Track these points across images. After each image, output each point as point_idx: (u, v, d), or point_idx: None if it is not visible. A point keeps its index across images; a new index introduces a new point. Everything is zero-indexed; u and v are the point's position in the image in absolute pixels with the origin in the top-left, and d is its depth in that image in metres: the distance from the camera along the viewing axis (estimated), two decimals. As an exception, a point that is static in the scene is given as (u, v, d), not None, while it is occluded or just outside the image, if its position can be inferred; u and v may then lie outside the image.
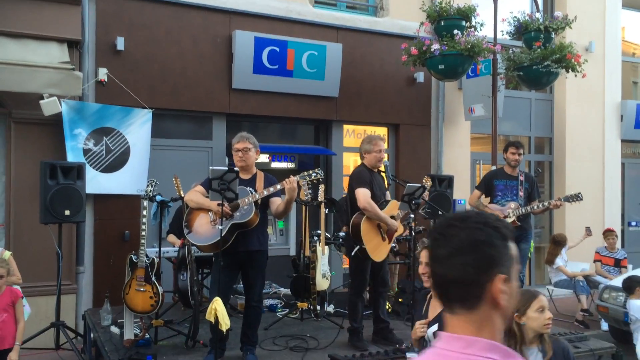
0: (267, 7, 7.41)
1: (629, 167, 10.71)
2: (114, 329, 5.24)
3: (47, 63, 5.99)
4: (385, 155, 5.45)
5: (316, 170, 4.67)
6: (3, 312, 4.44)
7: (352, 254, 5.02)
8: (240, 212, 4.56)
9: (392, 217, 5.07)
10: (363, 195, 4.92)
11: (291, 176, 4.54)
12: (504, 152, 6.42)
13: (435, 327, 3.17)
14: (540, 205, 6.25)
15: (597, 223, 9.64)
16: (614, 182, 10.18)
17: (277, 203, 4.67)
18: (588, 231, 8.41)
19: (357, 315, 5.08)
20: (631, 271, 7.48)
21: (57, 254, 5.51)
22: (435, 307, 3.29)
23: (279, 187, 4.58)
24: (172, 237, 6.16)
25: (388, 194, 5.38)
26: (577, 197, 6.15)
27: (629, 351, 5.72)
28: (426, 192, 5.23)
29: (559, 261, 8.02)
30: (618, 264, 8.22)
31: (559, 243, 8.12)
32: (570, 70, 7.62)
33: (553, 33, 7.67)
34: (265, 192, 4.58)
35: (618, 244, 8.59)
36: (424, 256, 3.54)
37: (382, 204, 5.05)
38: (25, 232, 6.16)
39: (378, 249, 4.98)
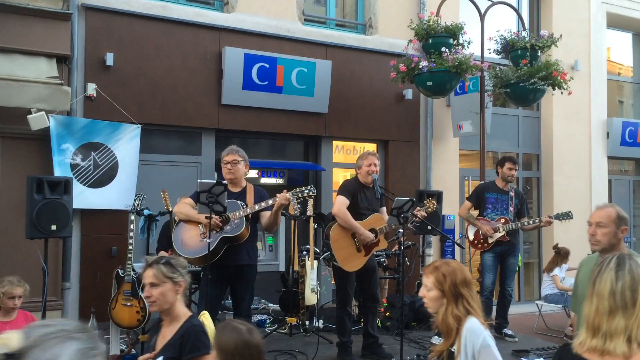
0: (257, 24, 7.47)
1: (615, 184, 10.81)
2: (100, 345, 5.17)
3: (35, 78, 5.98)
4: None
5: (309, 187, 4.68)
6: None
7: (332, 265, 5.04)
8: (231, 225, 4.55)
9: (373, 230, 5.06)
10: (338, 202, 4.98)
11: (284, 191, 4.54)
12: (498, 167, 6.43)
13: None
14: (531, 222, 6.28)
15: (585, 239, 9.64)
16: (601, 198, 10.24)
17: (266, 216, 4.67)
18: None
19: (345, 330, 5.06)
20: None
21: (42, 269, 5.44)
22: (164, 337, 2.83)
23: (270, 202, 4.59)
24: (162, 254, 6.11)
25: (384, 211, 5.38)
26: (567, 216, 6.19)
27: (618, 366, 5.72)
28: (422, 212, 5.22)
29: (557, 271, 8.04)
30: (607, 279, 8.23)
31: (559, 254, 8.15)
32: (556, 88, 7.73)
33: (539, 51, 7.80)
34: (257, 207, 4.58)
35: (606, 260, 8.61)
36: None
37: (363, 215, 5.07)
38: (10, 247, 6.09)
39: (349, 259, 4.98)
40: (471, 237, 6.33)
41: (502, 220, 6.18)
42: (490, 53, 8.13)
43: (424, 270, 2.63)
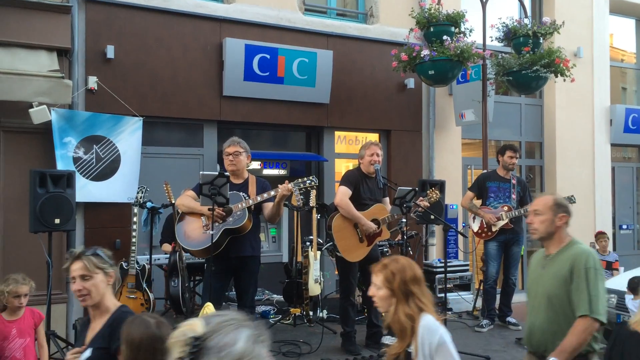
0: (258, 14, 7.43)
1: (618, 171, 10.77)
2: (105, 338, 5.19)
3: (36, 71, 5.97)
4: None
5: (310, 178, 4.68)
6: (26, 336, 4.14)
7: (334, 255, 5.05)
8: (233, 217, 4.55)
9: (376, 220, 5.05)
10: (340, 192, 4.98)
11: (286, 181, 4.54)
12: (499, 155, 6.42)
13: (87, 353, 2.59)
14: (533, 208, 6.27)
15: (589, 226, 9.69)
16: (605, 186, 10.23)
17: (268, 207, 4.67)
18: (592, 246, 8.52)
19: (349, 320, 5.07)
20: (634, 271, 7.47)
21: (47, 263, 5.46)
22: (94, 330, 2.70)
23: (272, 193, 4.58)
24: (166, 247, 6.13)
25: (387, 201, 5.37)
26: (569, 200, 6.17)
27: (622, 353, 5.72)
28: (425, 202, 5.23)
29: None
30: (610, 267, 8.25)
31: None
32: (559, 75, 7.69)
33: (541, 38, 7.75)
34: (259, 198, 4.58)
35: (610, 247, 8.63)
36: None
37: (366, 205, 5.06)
38: (15, 241, 6.11)
39: (352, 249, 4.98)
40: (475, 228, 6.33)
41: (505, 208, 6.18)
42: (492, 41, 8.08)
43: (372, 268, 2.56)
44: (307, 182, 4.64)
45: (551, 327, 2.99)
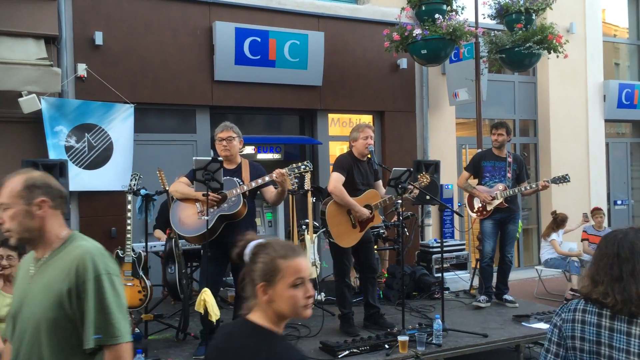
0: (247, -3, 7.34)
1: (612, 147, 10.79)
2: (104, 326, 5.19)
3: (24, 60, 5.90)
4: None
5: (305, 163, 4.65)
6: None
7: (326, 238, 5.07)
8: (228, 203, 4.53)
9: (368, 206, 5.04)
10: (333, 179, 4.96)
11: (279, 170, 4.52)
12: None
13: None
14: (528, 187, 6.28)
15: (584, 203, 9.72)
16: (599, 162, 10.26)
17: (270, 192, 4.66)
18: (585, 217, 8.59)
19: (346, 301, 5.09)
20: None
21: (42, 252, 5.43)
22: None
23: (267, 178, 4.57)
24: (158, 232, 6.13)
25: (380, 184, 5.35)
26: (564, 179, 6.17)
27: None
28: (415, 190, 5.21)
29: (554, 236, 8.12)
30: (605, 243, 8.31)
31: (556, 221, 8.21)
32: (552, 52, 7.65)
33: (534, 14, 7.70)
34: (254, 184, 4.56)
35: (605, 223, 8.67)
36: None
37: (359, 191, 5.04)
38: (9, 233, 6.08)
39: (345, 235, 4.99)
40: (475, 207, 6.32)
41: (501, 187, 6.17)
42: (484, 18, 8.02)
43: None
44: (302, 167, 4.61)
45: None
